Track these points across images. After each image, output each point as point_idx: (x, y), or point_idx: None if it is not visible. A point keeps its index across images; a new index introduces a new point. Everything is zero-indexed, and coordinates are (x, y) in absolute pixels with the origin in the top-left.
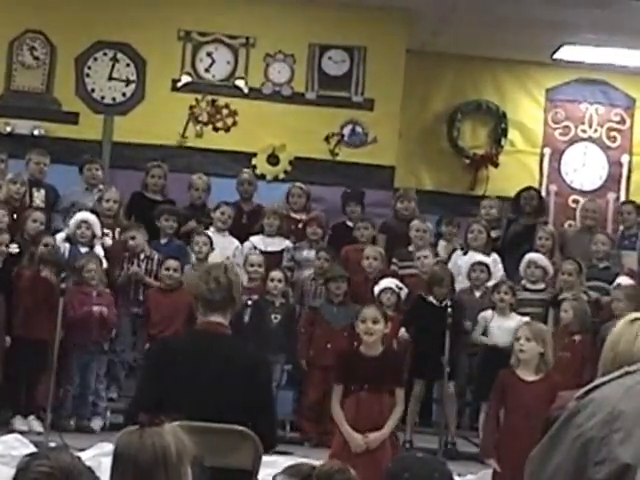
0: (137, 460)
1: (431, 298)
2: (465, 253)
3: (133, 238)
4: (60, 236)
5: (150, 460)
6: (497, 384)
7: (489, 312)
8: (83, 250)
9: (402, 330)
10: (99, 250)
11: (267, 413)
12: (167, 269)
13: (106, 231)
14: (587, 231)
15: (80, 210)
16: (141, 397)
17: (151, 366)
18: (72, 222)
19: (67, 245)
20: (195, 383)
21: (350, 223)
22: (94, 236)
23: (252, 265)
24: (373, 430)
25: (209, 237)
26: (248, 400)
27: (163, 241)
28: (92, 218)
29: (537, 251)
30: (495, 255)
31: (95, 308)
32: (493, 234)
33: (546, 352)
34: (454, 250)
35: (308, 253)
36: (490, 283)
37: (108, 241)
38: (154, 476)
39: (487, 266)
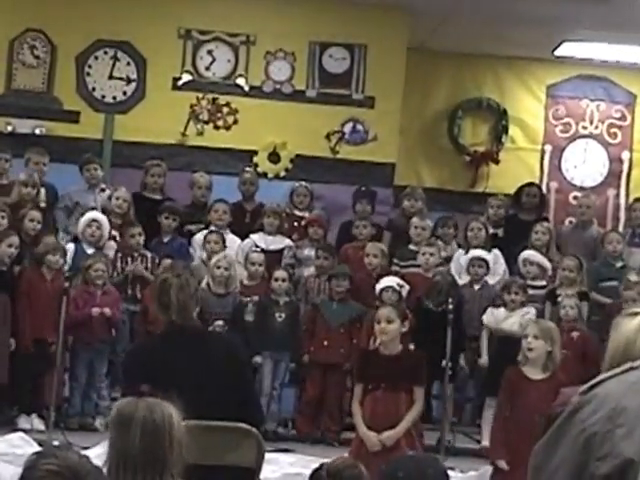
0: (147, 420)
1: (428, 303)
2: (466, 252)
3: (133, 236)
4: (62, 235)
5: (160, 422)
6: (504, 383)
7: (499, 311)
8: (90, 250)
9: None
10: (110, 251)
11: (249, 391)
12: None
13: (114, 233)
14: (581, 226)
15: (85, 210)
16: None
17: (130, 375)
18: (82, 221)
19: (72, 245)
20: (177, 380)
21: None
22: (102, 236)
23: (253, 264)
24: (390, 428)
25: (223, 236)
26: (233, 384)
27: (165, 239)
28: (102, 218)
29: (533, 246)
30: (496, 251)
31: (95, 309)
32: (500, 232)
33: (554, 350)
34: (449, 257)
35: (309, 251)
36: (490, 279)
37: (113, 245)
38: (161, 438)
39: (486, 261)
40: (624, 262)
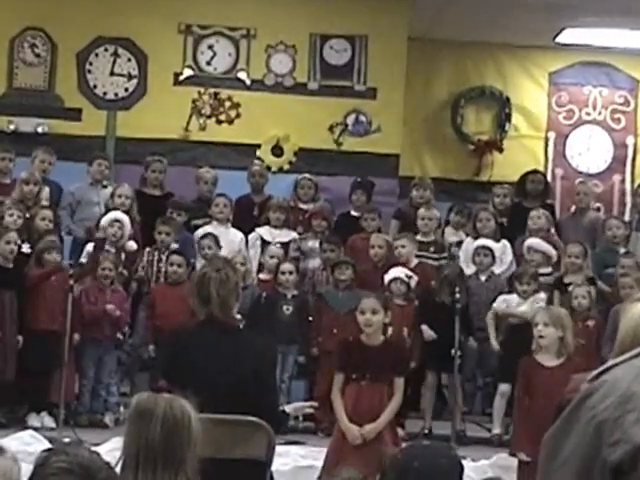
0: (167, 416)
1: (442, 298)
2: (476, 239)
3: (160, 234)
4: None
5: (179, 418)
6: (519, 374)
7: (512, 297)
8: (111, 249)
9: (426, 329)
10: (131, 250)
11: (271, 397)
12: (171, 264)
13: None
14: (579, 213)
15: (89, 206)
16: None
17: (166, 357)
18: (104, 221)
19: (91, 245)
20: (208, 374)
21: (354, 212)
22: (123, 236)
23: (272, 257)
24: (373, 420)
25: (216, 238)
26: (255, 386)
27: None
28: (124, 218)
29: (530, 234)
30: (505, 241)
31: (110, 306)
32: (504, 221)
33: (565, 336)
34: (461, 242)
35: (313, 244)
36: (497, 269)
37: (134, 245)
38: (180, 434)
39: (491, 250)
40: (627, 248)
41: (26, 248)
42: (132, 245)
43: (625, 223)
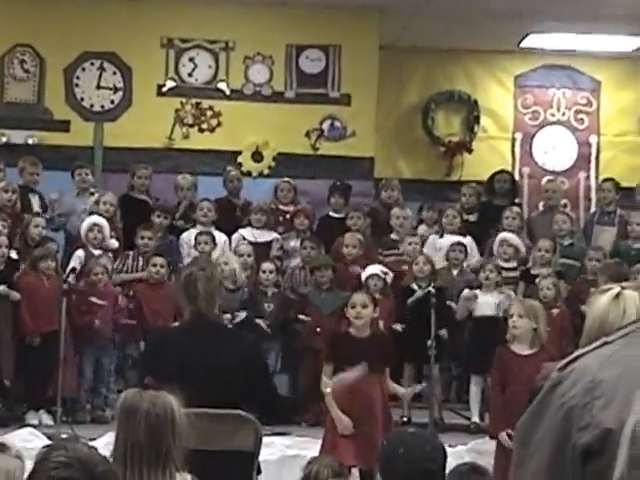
0: (149, 414)
1: (414, 286)
2: (441, 236)
3: (142, 238)
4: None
5: (162, 414)
6: (495, 361)
7: (472, 292)
8: (96, 252)
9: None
10: (113, 247)
11: (268, 384)
12: (154, 265)
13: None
14: (549, 211)
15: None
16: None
17: (150, 355)
18: (83, 226)
19: (81, 252)
20: (195, 368)
21: (334, 214)
22: (104, 238)
23: (241, 255)
24: (364, 411)
25: (212, 235)
26: (248, 376)
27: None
28: (103, 221)
29: (504, 230)
30: (469, 237)
31: (97, 322)
32: (472, 218)
33: (538, 327)
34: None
35: (296, 243)
36: (467, 262)
37: (115, 243)
38: (164, 429)
39: (465, 246)
40: (572, 240)
41: (14, 254)
42: (114, 243)
43: (571, 218)
